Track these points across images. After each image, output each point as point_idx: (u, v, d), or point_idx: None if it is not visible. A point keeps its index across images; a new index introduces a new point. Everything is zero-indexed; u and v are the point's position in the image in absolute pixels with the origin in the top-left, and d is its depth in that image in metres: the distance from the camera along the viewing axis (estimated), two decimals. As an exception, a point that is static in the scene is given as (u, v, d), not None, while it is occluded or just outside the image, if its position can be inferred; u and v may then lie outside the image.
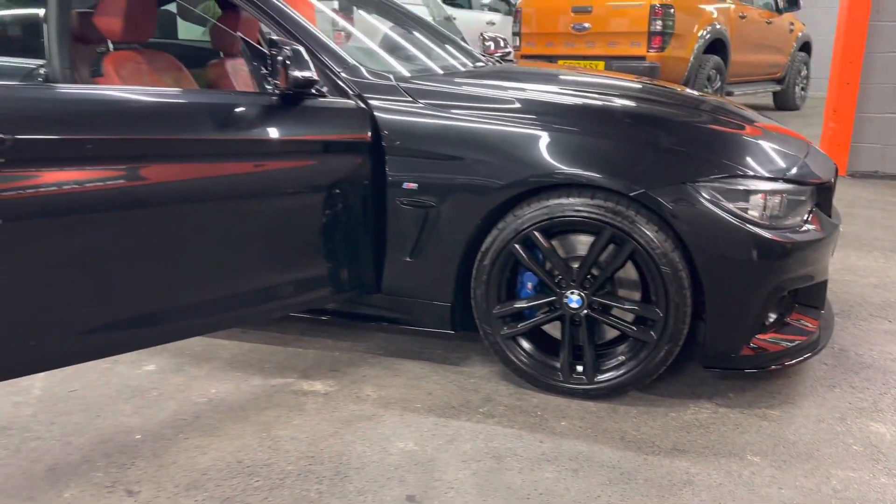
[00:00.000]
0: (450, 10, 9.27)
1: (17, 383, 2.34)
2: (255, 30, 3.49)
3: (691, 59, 7.18)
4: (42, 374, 2.38)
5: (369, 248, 2.36)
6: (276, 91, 2.16)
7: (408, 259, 2.35)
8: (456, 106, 2.30)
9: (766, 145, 2.33)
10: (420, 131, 2.28)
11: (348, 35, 3.81)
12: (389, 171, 2.28)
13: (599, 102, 2.50)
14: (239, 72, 3.47)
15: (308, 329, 2.78)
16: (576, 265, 2.21)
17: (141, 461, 1.95)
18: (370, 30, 2.98)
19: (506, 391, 2.33)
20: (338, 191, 2.28)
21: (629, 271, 2.22)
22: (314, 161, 2.27)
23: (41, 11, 2.72)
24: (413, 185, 2.27)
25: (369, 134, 2.27)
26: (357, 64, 2.40)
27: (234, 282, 2.17)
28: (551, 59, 7.38)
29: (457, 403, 2.26)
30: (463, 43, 3.60)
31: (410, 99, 2.32)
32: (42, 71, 2.71)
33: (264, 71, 2.20)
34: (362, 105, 2.31)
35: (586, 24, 7.24)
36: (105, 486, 1.85)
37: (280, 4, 2.41)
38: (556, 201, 2.15)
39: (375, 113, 2.29)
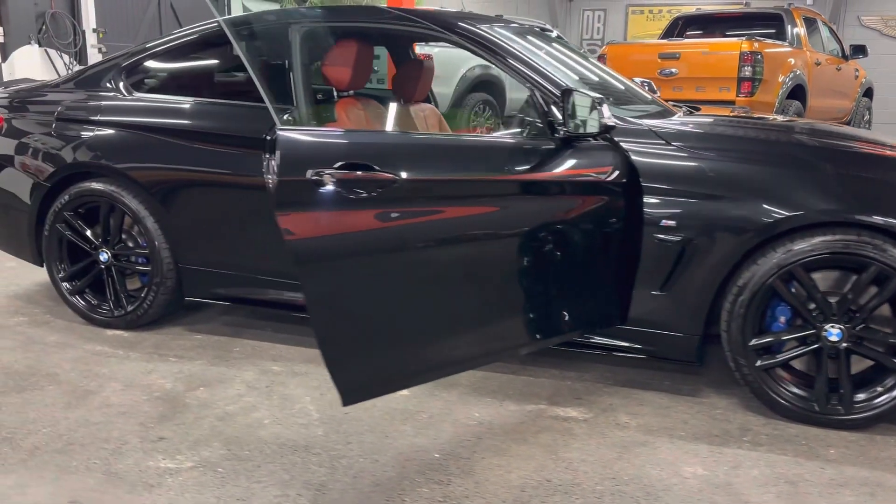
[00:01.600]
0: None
1: (291, 407, 2.48)
2: (429, 80, 3.71)
3: (776, 103, 7.39)
4: (310, 398, 2.52)
5: (620, 280, 2.50)
6: (560, 135, 2.33)
7: (656, 292, 2.48)
8: (709, 147, 2.45)
9: None
10: (679, 172, 2.43)
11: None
12: (647, 209, 2.43)
13: (839, 145, 2.62)
14: (418, 115, 3.67)
15: (524, 359, 2.90)
16: (833, 300, 2.33)
17: (455, 478, 2.07)
18: (583, 78, 3.14)
19: (757, 421, 2.44)
20: (598, 226, 2.43)
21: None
22: (582, 198, 2.42)
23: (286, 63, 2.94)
24: (671, 223, 2.41)
25: (627, 174, 2.43)
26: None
27: (518, 311, 2.33)
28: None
29: (717, 432, 2.36)
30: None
31: (664, 142, 2.48)
32: (287, 117, 2.90)
33: (548, 118, 2.38)
34: (616, 148, 2.47)
35: (673, 70, 7.47)
36: (437, 500, 1.96)
37: (540, 66, 2.59)
38: (821, 239, 2.28)
39: (632, 155, 2.45)
